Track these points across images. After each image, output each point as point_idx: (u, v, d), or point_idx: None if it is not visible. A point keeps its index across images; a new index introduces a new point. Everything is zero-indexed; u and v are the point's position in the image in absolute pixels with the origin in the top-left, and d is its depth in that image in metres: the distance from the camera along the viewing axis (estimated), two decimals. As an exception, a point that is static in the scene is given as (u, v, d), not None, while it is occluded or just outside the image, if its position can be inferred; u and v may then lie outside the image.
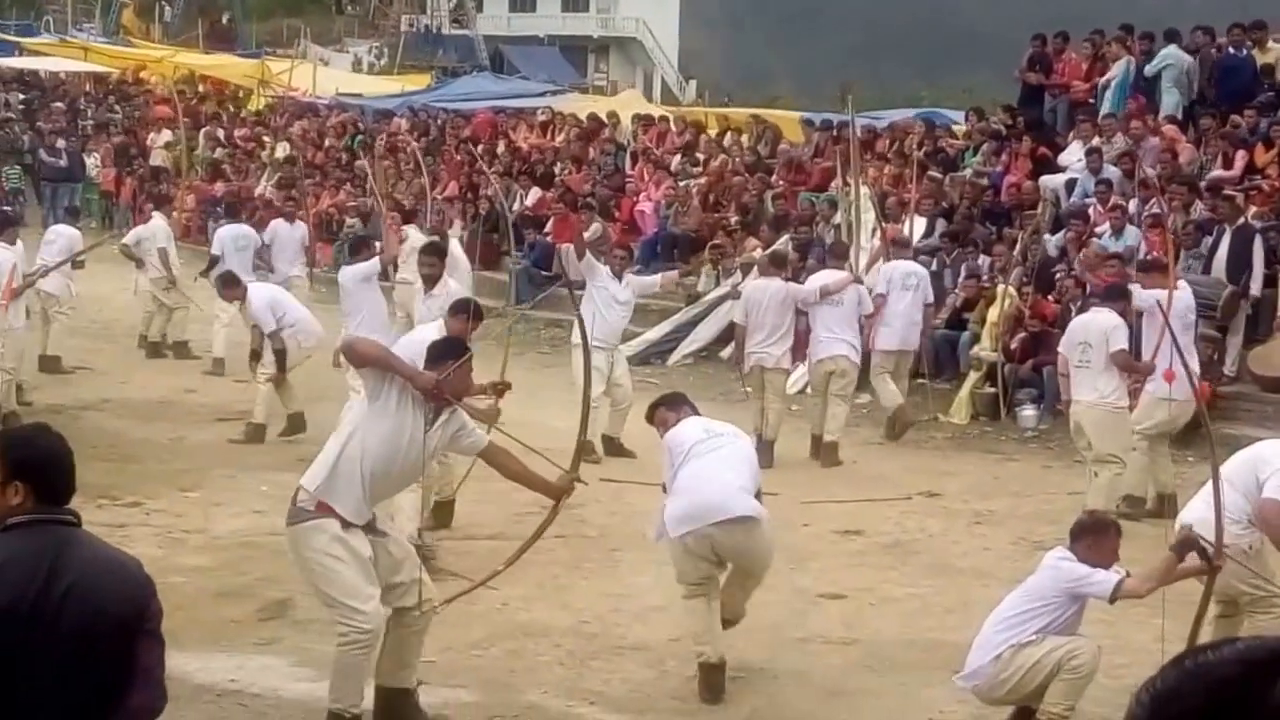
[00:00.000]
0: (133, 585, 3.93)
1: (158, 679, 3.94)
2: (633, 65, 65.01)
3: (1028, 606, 6.91)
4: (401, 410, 6.62)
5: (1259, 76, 17.10)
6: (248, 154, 28.68)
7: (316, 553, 6.57)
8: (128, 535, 9.99)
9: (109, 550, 4.06)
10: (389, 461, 6.62)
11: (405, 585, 6.80)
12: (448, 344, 7.25)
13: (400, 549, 6.90)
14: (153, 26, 53.12)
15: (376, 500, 6.81)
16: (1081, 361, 10.71)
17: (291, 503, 6.70)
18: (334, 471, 6.58)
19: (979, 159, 18.53)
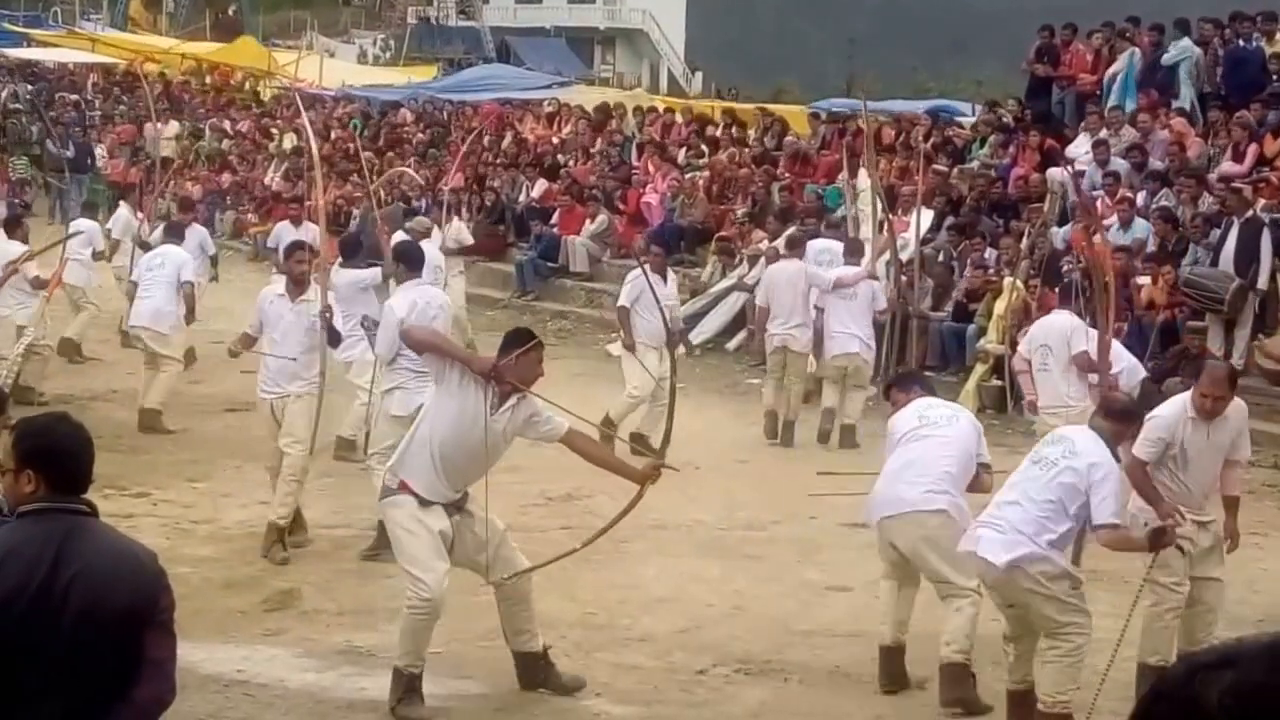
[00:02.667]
0: (142, 577, 3.92)
1: (167, 672, 3.94)
2: (639, 57, 64.94)
3: (1053, 512, 6.82)
4: (464, 394, 6.98)
5: (1268, 68, 17.05)
6: (254, 145, 28.67)
7: (393, 524, 7.13)
8: (135, 526, 10.00)
9: (121, 542, 4.05)
10: (455, 443, 6.97)
11: (491, 561, 7.18)
12: (516, 332, 7.55)
13: (487, 527, 7.19)
14: (160, 18, 53.13)
15: (454, 481, 7.11)
16: (1042, 366, 10.65)
17: (382, 480, 7.23)
18: (408, 452, 7.07)
19: (986, 151, 18.50)
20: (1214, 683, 1.34)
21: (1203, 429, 7.44)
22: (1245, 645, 1.39)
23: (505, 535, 7.37)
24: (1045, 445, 7.06)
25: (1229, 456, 7.61)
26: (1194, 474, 7.46)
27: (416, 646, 7.10)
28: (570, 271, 20.79)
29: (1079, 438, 6.92)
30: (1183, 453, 7.41)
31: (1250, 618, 8.56)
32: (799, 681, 7.79)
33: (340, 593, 8.99)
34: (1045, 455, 6.92)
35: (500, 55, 51.20)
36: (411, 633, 7.08)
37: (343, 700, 7.35)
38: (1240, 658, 1.36)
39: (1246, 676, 1.33)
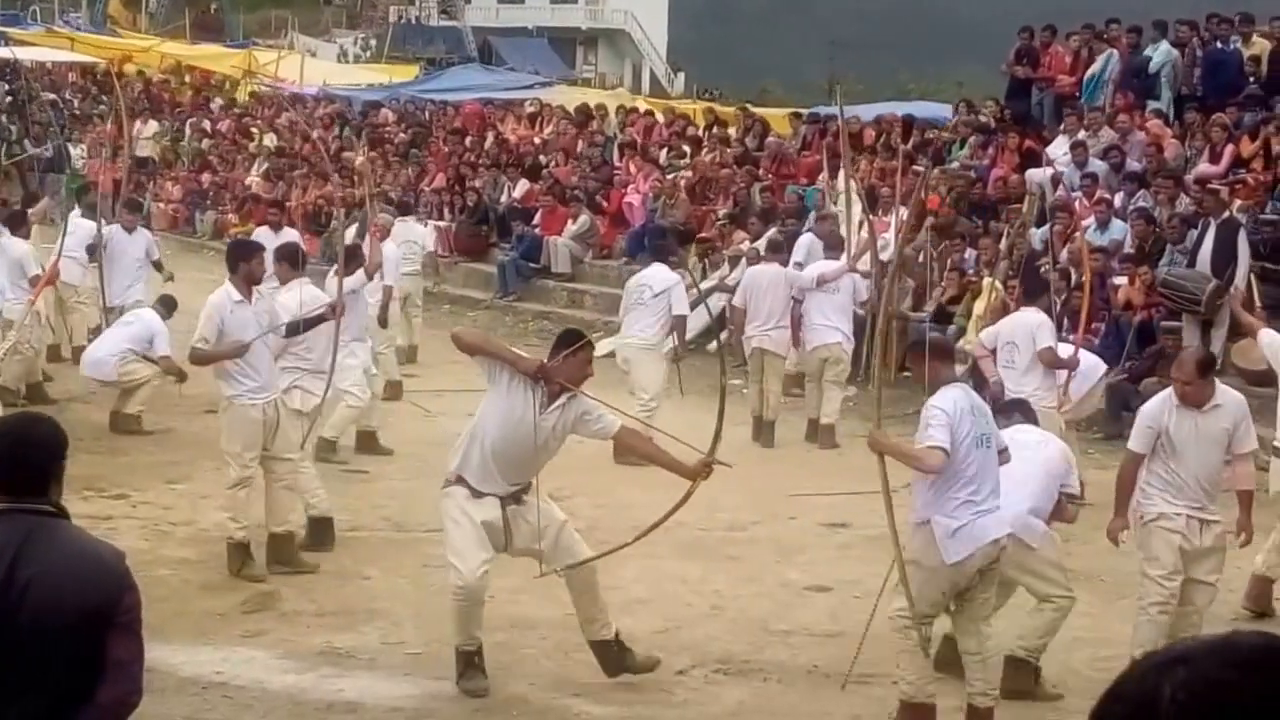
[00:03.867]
0: (102, 578, 3.89)
1: (132, 674, 3.91)
2: (621, 57, 64.92)
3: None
4: (513, 394, 7.23)
5: (1244, 70, 17.14)
6: (234, 144, 28.62)
7: (444, 514, 7.45)
8: (114, 528, 9.99)
9: (83, 542, 4.01)
10: (506, 442, 7.23)
11: (551, 551, 7.38)
12: (565, 333, 7.75)
13: (544, 517, 7.39)
14: (139, 16, 52.96)
15: (508, 476, 7.34)
16: (1008, 363, 10.68)
17: None
18: (464, 448, 7.36)
19: (966, 152, 18.56)
20: (1168, 680, 1.36)
21: (1189, 418, 7.46)
22: (1199, 642, 1.41)
23: (565, 525, 7.55)
24: None
25: (1233, 450, 7.60)
26: (1186, 464, 7.47)
27: (466, 627, 7.40)
28: (552, 272, 20.79)
29: None
30: (1169, 441, 7.47)
31: (1225, 616, 8.60)
32: (778, 681, 7.82)
33: (319, 594, 8.98)
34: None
35: (482, 55, 51.11)
36: (457, 616, 7.40)
37: (321, 702, 7.34)
38: (1193, 655, 1.38)
39: (1198, 673, 1.35)
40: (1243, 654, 1.37)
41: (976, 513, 6.84)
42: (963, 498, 6.84)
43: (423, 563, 9.68)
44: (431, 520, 10.62)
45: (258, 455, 9.28)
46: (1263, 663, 1.36)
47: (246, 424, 9.26)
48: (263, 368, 9.41)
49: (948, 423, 6.74)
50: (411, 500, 11.10)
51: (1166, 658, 1.39)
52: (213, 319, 9.28)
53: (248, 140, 28.48)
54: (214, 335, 9.24)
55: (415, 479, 11.81)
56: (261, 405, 9.31)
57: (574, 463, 12.21)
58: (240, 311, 9.31)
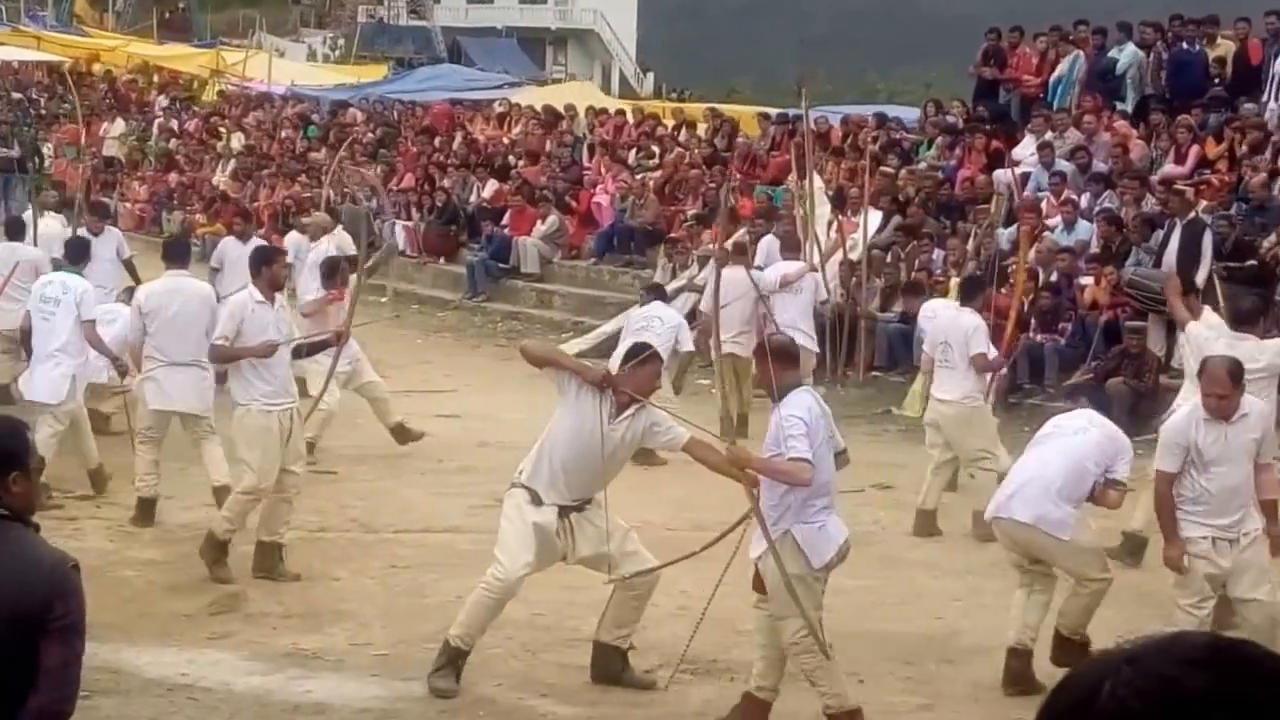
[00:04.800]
0: (34, 584, 3.85)
1: (62, 680, 3.86)
2: (591, 57, 64.89)
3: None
4: (581, 405, 7.32)
5: (1209, 72, 17.26)
6: (201, 144, 28.49)
7: (502, 513, 7.55)
8: (79, 529, 9.95)
9: (22, 547, 3.96)
10: (575, 453, 7.32)
11: (617, 558, 7.43)
12: (635, 345, 7.86)
13: (609, 522, 7.47)
14: (106, 15, 52.66)
15: (575, 490, 7.44)
16: (944, 361, 10.68)
17: None
18: (535, 461, 7.46)
19: (933, 153, 18.63)
20: (1110, 677, 1.37)
21: (1218, 429, 7.25)
22: (1149, 640, 1.42)
23: (629, 533, 7.62)
24: None
25: (1257, 460, 7.47)
26: (1217, 479, 7.25)
27: (473, 623, 7.41)
28: (521, 272, 20.78)
29: None
30: (1200, 456, 7.26)
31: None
32: (745, 681, 7.81)
33: (286, 596, 8.95)
34: None
35: (451, 55, 51.03)
36: (476, 606, 7.39)
37: (288, 703, 7.32)
38: (1140, 653, 1.39)
39: (1141, 670, 1.36)
40: (1187, 651, 1.38)
41: (829, 514, 6.88)
42: (821, 503, 6.84)
43: (390, 564, 9.67)
44: (398, 521, 10.65)
45: (277, 465, 9.14)
46: (1207, 660, 1.37)
47: (262, 432, 9.10)
48: (280, 374, 9.28)
49: (806, 432, 6.69)
50: (379, 501, 11.10)
51: (1116, 655, 1.40)
52: (234, 318, 9.21)
53: (215, 140, 28.35)
54: (233, 334, 9.16)
55: (383, 480, 11.80)
56: (277, 414, 9.16)
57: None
58: (261, 314, 9.22)
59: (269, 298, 9.32)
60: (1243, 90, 16.79)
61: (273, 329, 9.24)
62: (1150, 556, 10.21)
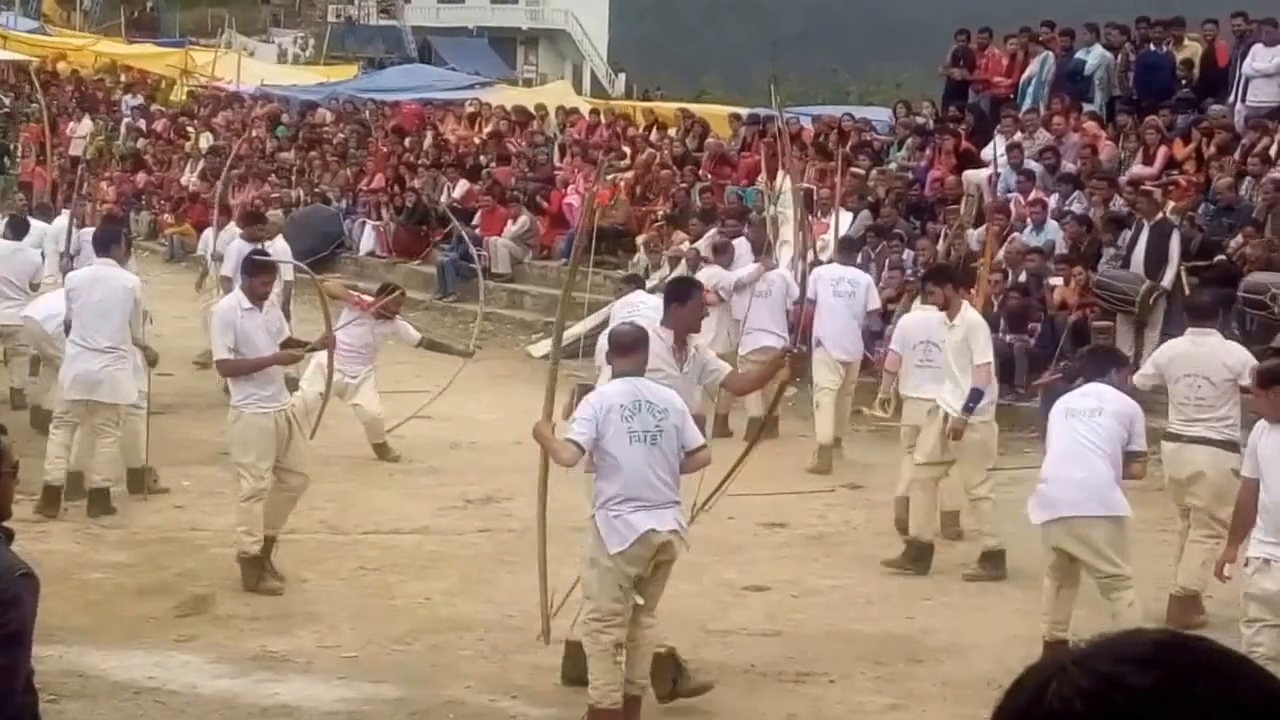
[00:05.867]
0: None
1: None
2: (562, 58, 64.84)
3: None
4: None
5: (1177, 73, 17.35)
6: (170, 144, 28.35)
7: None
8: (45, 531, 9.89)
9: None
10: None
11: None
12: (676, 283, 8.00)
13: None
14: (74, 14, 52.34)
15: None
16: (925, 361, 10.66)
17: None
18: None
19: (904, 154, 18.67)
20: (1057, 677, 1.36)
21: (1275, 435, 7.14)
22: (1102, 639, 1.42)
23: None
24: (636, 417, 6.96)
25: None
26: (1271, 484, 7.05)
27: None
28: (492, 273, 20.72)
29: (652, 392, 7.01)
30: (1256, 463, 7.18)
31: (1159, 613, 8.69)
32: (715, 681, 7.82)
33: (254, 598, 8.90)
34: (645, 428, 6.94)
35: (422, 55, 50.89)
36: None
37: (256, 706, 7.29)
38: (1091, 652, 1.38)
39: (1088, 669, 1.35)
40: (1133, 649, 1.37)
41: (635, 508, 6.82)
42: (613, 493, 6.82)
43: (359, 565, 9.64)
44: (367, 523, 10.61)
45: (271, 466, 9.10)
46: (1151, 658, 1.36)
47: (258, 433, 9.05)
48: (274, 376, 9.27)
49: (592, 416, 6.76)
50: (348, 503, 11.06)
51: (1065, 655, 1.40)
52: (228, 328, 9.13)
53: (184, 140, 28.22)
54: (234, 343, 9.08)
55: (351, 481, 11.76)
56: (273, 414, 9.12)
57: (510, 463, 12.21)
58: (250, 319, 9.18)
59: (256, 303, 9.27)
60: (1210, 92, 16.89)
61: (263, 333, 9.20)
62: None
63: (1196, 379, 8.81)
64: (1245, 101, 16.33)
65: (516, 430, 13.35)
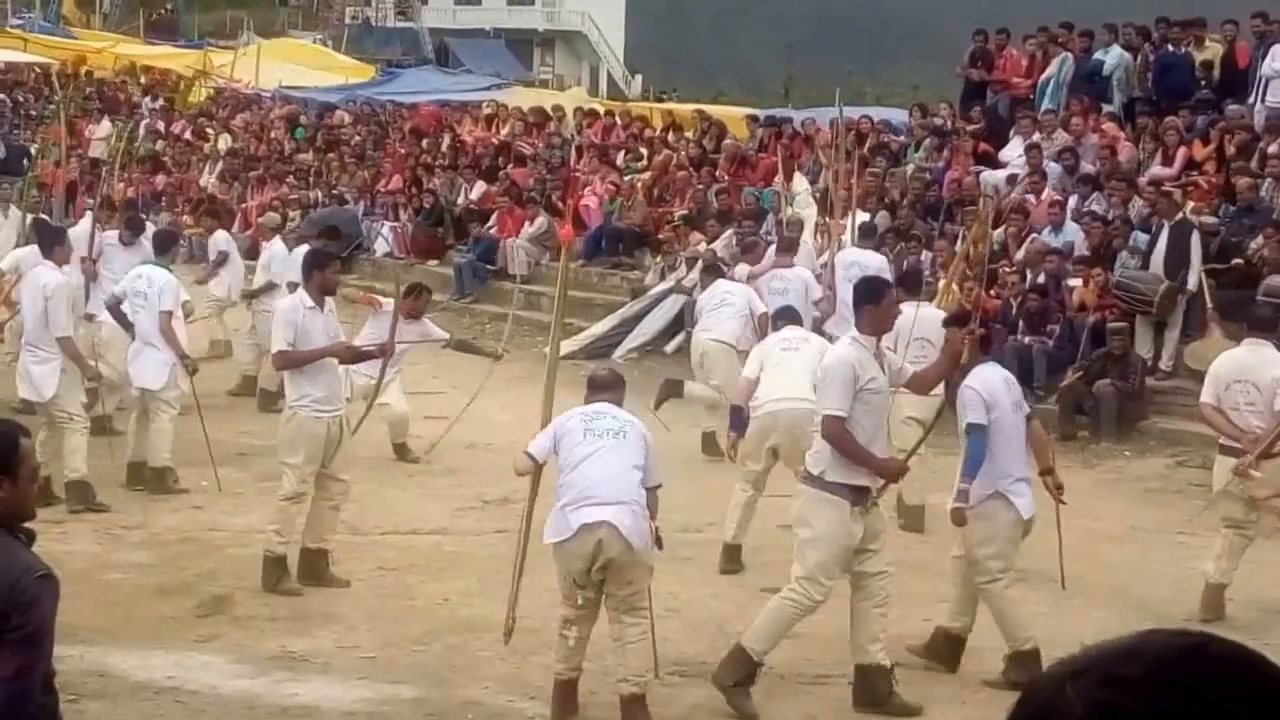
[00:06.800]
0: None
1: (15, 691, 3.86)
2: (578, 59, 64.91)
3: None
4: (877, 384, 7.28)
5: (1196, 74, 17.29)
6: (189, 146, 28.42)
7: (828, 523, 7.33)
8: (65, 532, 9.92)
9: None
10: (874, 424, 7.29)
11: (872, 553, 7.38)
12: (868, 282, 7.89)
13: (881, 522, 7.52)
14: (93, 17, 52.54)
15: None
16: (921, 358, 10.65)
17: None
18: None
19: (921, 154, 18.64)
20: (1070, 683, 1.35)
21: None
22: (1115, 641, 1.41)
23: None
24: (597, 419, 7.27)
25: None
26: None
27: (774, 637, 7.38)
28: (509, 274, 20.75)
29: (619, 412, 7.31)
30: None
31: (1177, 616, 8.67)
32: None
33: (274, 598, 8.93)
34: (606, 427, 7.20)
35: (439, 57, 50.97)
36: (778, 623, 7.35)
37: (276, 706, 7.30)
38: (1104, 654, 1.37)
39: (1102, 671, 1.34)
40: (1153, 651, 1.36)
41: (583, 504, 6.99)
42: (568, 495, 7.06)
43: (377, 566, 9.66)
44: (385, 523, 10.63)
45: (316, 470, 9.11)
46: (1171, 659, 1.35)
47: (308, 436, 9.05)
48: (330, 379, 9.25)
49: (551, 431, 7.22)
50: (366, 503, 11.06)
51: (1077, 660, 1.39)
52: (290, 324, 9.13)
53: (203, 142, 28.29)
54: (293, 340, 9.08)
55: (369, 482, 11.76)
56: (326, 419, 9.11)
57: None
58: (311, 318, 9.18)
59: (318, 302, 9.26)
60: (1230, 93, 16.84)
61: (322, 334, 9.20)
62: (1141, 561, 10.24)
63: (1246, 385, 8.92)
64: (1265, 102, 16.28)
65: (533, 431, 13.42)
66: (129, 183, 25.95)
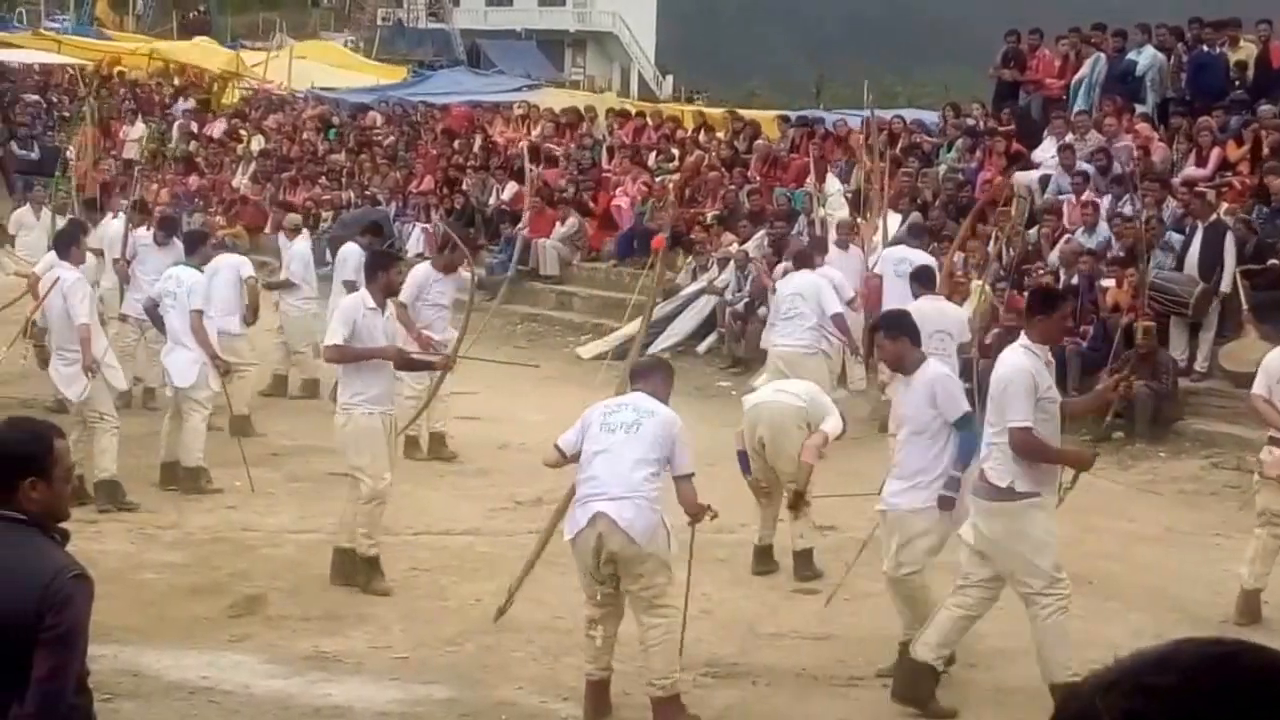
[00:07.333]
0: (24, 594, 3.86)
1: (49, 691, 3.86)
2: (609, 60, 64.96)
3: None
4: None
5: (1229, 74, 17.18)
6: (222, 147, 28.54)
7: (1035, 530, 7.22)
8: (100, 531, 9.97)
9: (22, 555, 3.96)
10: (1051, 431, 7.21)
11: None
12: (1041, 293, 8.05)
13: None
14: (127, 18, 52.84)
15: None
16: (939, 350, 10.85)
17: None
18: (1029, 465, 7.19)
19: (954, 155, 18.57)
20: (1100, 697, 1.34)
21: None
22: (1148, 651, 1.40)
23: None
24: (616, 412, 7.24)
25: None
26: None
27: (1068, 651, 7.15)
28: (540, 274, 20.77)
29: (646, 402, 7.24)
30: None
31: (1213, 619, 8.62)
32: (766, 684, 7.81)
33: (307, 598, 8.96)
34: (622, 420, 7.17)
35: (470, 58, 51.08)
36: (1061, 637, 7.14)
37: (309, 706, 7.32)
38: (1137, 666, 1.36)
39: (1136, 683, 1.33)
40: (1183, 661, 1.35)
41: (594, 498, 7.04)
42: (578, 479, 7.18)
43: (410, 566, 9.67)
44: (418, 524, 10.64)
45: (389, 465, 9.16)
46: (1203, 669, 1.34)
47: (369, 434, 9.09)
48: (384, 381, 9.27)
49: (579, 424, 7.25)
50: (398, 503, 11.05)
51: (1110, 672, 1.38)
52: (347, 321, 9.16)
53: (236, 143, 28.41)
54: (348, 336, 9.12)
55: (402, 482, 11.75)
56: (379, 415, 9.15)
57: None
58: (372, 319, 9.20)
59: (380, 303, 9.28)
60: (1264, 93, 16.72)
61: (381, 335, 9.23)
62: (1177, 563, 10.17)
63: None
64: (1299, 102, 16.17)
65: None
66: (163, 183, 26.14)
